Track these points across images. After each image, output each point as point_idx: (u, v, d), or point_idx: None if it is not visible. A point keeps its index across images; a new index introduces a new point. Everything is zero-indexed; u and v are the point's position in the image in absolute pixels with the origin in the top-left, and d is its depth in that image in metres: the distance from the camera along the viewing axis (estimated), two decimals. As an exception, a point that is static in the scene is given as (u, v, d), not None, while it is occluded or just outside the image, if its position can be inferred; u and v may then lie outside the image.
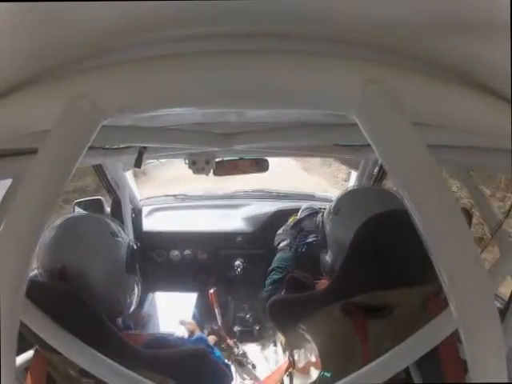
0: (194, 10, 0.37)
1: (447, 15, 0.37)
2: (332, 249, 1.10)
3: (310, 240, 1.59)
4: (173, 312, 1.53)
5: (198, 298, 1.68)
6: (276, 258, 1.50)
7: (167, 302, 1.63)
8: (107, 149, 1.30)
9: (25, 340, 0.82)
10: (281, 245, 1.57)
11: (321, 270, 1.19)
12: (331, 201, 2.00)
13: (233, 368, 1.63)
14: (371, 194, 1.15)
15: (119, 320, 1.04)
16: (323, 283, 1.20)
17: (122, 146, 1.31)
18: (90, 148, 0.46)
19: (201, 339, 1.29)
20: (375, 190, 1.24)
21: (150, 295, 1.70)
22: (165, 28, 0.42)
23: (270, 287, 1.35)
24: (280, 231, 1.63)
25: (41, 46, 0.42)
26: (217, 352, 1.19)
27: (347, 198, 1.16)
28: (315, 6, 0.37)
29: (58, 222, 1.01)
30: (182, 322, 1.44)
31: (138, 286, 1.11)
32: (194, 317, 1.57)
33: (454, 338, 0.75)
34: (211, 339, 1.48)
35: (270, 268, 1.45)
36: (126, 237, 1.07)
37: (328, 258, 1.12)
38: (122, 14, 0.37)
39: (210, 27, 0.42)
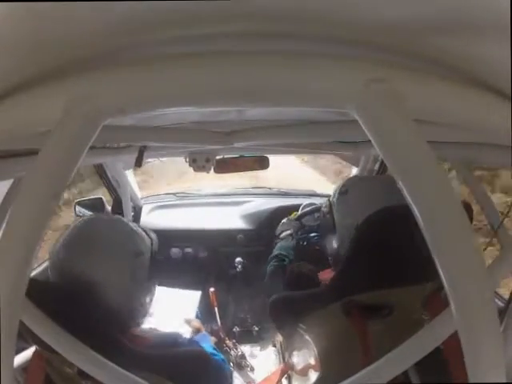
0: (194, 10, 0.37)
1: (448, 15, 0.37)
2: (339, 230, 1.10)
3: (311, 235, 1.59)
4: (176, 310, 1.53)
5: (201, 297, 1.68)
6: (277, 247, 1.48)
7: (170, 299, 1.63)
8: (108, 148, 1.30)
9: (23, 340, 0.82)
10: (283, 234, 1.56)
11: (327, 255, 1.18)
12: None
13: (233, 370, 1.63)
14: (380, 178, 1.14)
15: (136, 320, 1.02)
16: (327, 272, 1.20)
17: (122, 145, 1.31)
18: (91, 148, 0.46)
19: (205, 338, 1.29)
20: (384, 176, 1.24)
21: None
22: (165, 29, 0.42)
23: (270, 275, 1.33)
24: (284, 221, 1.63)
25: (42, 47, 0.42)
26: (219, 354, 1.18)
27: (356, 179, 1.16)
28: (317, 6, 0.37)
29: (80, 229, 0.93)
30: (187, 321, 1.44)
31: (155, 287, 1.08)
32: (197, 316, 1.57)
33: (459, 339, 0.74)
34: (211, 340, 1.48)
35: (271, 256, 1.44)
36: (149, 245, 1.00)
37: (335, 240, 1.12)
38: (122, 15, 0.37)
39: (211, 28, 0.42)
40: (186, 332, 1.37)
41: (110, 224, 0.98)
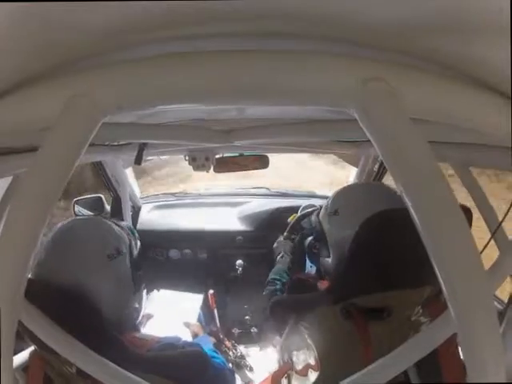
0: (193, 10, 0.37)
1: (447, 15, 0.37)
2: (334, 250, 1.08)
3: (309, 239, 1.59)
4: (178, 313, 1.53)
5: (203, 299, 1.68)
6: (272, 271, 1.49)
7: (171, 302, 1.62)
8: (107, 146, 1.30)
9: (22, 340, 0.82)
10: (278, 258, 1.57)
11: (322, 272, 1.18)
12: None
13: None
14: (369, 190, 1.12)
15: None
16: (325, 283, 1.20)
17: (122, 142, 1.31)
18: (90, 145, 0.46)
19: (205, 341, 1.29)
20: (373, 187, 1.22)
21: (152, 295, 1.69)
22: (165, 28, 0.42)
23: (267, 299, 1.34)
24: (275, 245, 1.63)
25: (41, 46, 0.41)
26: (219, 357, 1.17)
27: (345, 196, 1.12)
28: (317, 6, 0.37)
29: (54, 234, 0.91)
30: (187, 325, 1.44)
31: (143, 287, 1.07)
32: (199, 319, 1.57)
33: (454, 340, 0.74)
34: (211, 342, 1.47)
35: (267, 280, 1.45)
36: (127, 246, 0.97)
37: (330, 259, 1.10)
38: (121, 14, 0.37)
39: (210, 27, 0.42)
40: (186, 335, 1.37)
41: (84, 227, 0.96)
